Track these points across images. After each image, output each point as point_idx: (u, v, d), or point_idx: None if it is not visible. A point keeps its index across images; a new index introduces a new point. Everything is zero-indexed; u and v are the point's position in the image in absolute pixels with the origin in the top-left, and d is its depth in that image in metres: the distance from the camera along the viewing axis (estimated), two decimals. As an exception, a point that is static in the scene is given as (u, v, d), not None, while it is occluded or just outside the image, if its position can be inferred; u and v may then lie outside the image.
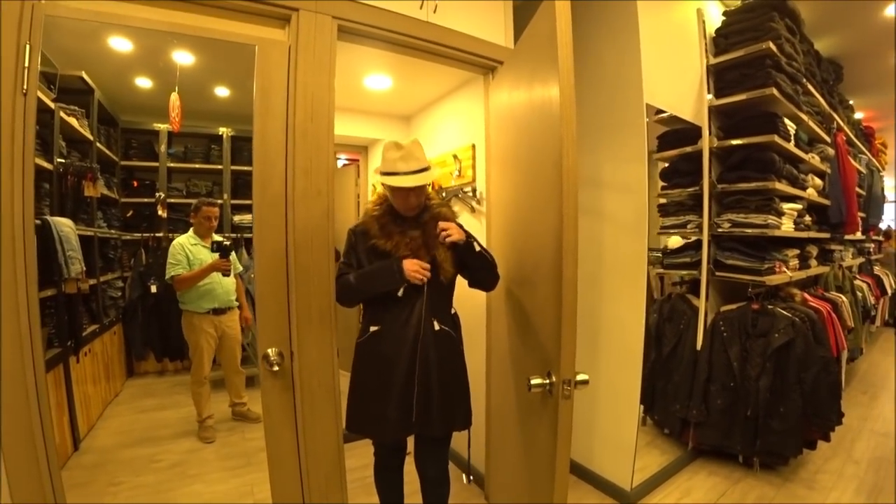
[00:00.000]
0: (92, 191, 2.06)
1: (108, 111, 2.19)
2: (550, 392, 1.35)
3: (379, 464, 1.84)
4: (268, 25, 1.59)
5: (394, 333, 1.61)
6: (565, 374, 1.28)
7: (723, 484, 2.46)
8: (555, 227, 1.31)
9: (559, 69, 1.27)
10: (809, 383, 2.37)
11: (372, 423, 1.63)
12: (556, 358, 1.30)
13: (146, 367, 2.41)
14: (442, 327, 1.64)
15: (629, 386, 2.30)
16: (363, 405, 1.65)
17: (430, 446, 1.74)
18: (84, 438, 1.98)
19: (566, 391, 1.28)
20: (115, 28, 1.54)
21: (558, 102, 1.28)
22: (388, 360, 1.61)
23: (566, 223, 1.27)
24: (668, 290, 3.11)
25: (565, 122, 1.28)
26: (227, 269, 2.16)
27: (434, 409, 1.60)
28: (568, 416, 1.31)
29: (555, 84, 1.30)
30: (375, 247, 1.63)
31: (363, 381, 1.65)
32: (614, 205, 2.40)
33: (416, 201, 1.62)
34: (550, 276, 1.36)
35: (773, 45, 2.50)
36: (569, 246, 1.27)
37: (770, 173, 2.56)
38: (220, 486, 2.04)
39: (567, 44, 1.28)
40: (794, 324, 2.43)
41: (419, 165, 1.56)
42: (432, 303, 1.62)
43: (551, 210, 1.35)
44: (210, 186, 2.55)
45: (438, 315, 1.64)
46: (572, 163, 1.28)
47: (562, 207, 1.27)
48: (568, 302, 1.27)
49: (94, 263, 2.07)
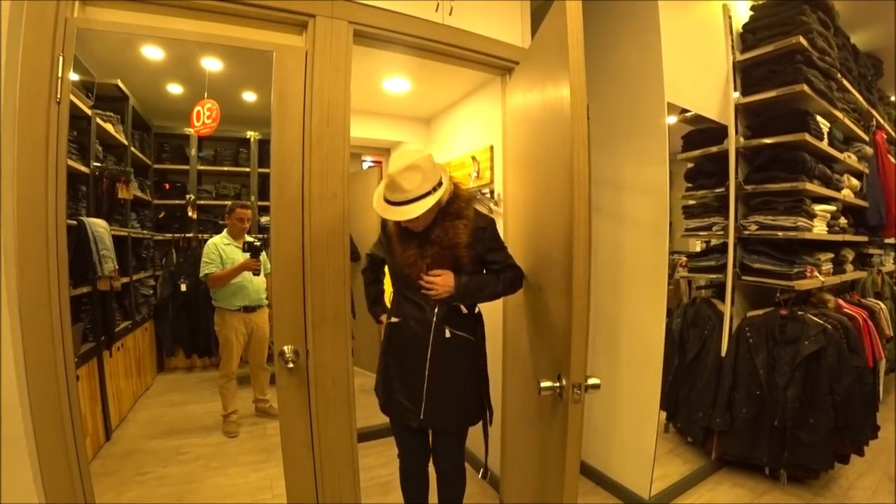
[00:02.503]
0: (125, 193, 2.17)
1: (141, 117, 2.30)
2: (560, 396, 1.34)
3: (401, 462, 1.86)
4: (286, 32, 1.64)
5: (410, 329, 1.65)
6: (575, 378, 1.27)
7: (747, 496, 2.37)
8: (566, 227, 1.30)
9: (570, 68, 1.27)
10: (842, 394, 2.26)
11: (391, 404, 1.72)
12: (566, 361, 1.30)
13: (175, 362, 2.50)
14: (454, 333, 1.63)
15: (649, 391, 2.25)
16: (385, 384, 1.73)
17: (441, 440, 1.76)
18: (115, 429, 2.07)
19: (576, 395, 1.27)
20: (147, 38, 1.61)
21: (569, 102, 1.28)
22: (403, 352, 1.68)
23: (577, 223, 1.26)
24: (692, 293, 3.03)
25: (576, 121, 1.27)
26: (258, 268, 2.22)
27: (441, 405, 1.62)
28: (578, 420, 1.30)
29: (566, 84, 1.30)
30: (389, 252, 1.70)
31: (385, 363, 1.74)
32: (635, 207, 2.36)
33: (413, 224, 1.56)
34: (561, 278, 1.36)
35: (804, 39, 2.40)
36: (579, 247, 1.26)
37: (800, 173, 2.46)
38: (241, 479, 2.10)
39: (578, 42, 1.27)
40: (826, 331, 2.33)
41: (405, 197, 1.47)
42: (442, 311, 1.62)
43: (563, 211, 1.35)
44: (238, 188, 2.63)
45: (450, 321, 1.63)
46: (583, 163, 1.27)
47: (572, 207, 1.26)
48: (578, 304, 1.26)
49: (128, 262, 2.17)
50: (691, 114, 2.45)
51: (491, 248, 1.65)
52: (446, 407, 1.64)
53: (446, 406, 1.64)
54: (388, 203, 1.51)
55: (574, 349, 1.26)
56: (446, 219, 1.59)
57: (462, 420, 1.72)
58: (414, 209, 1.47)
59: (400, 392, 1.68)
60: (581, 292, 1.26)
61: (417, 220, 1.52)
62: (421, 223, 1.57)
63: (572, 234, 1.26)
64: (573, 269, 1.26)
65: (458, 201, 1.62)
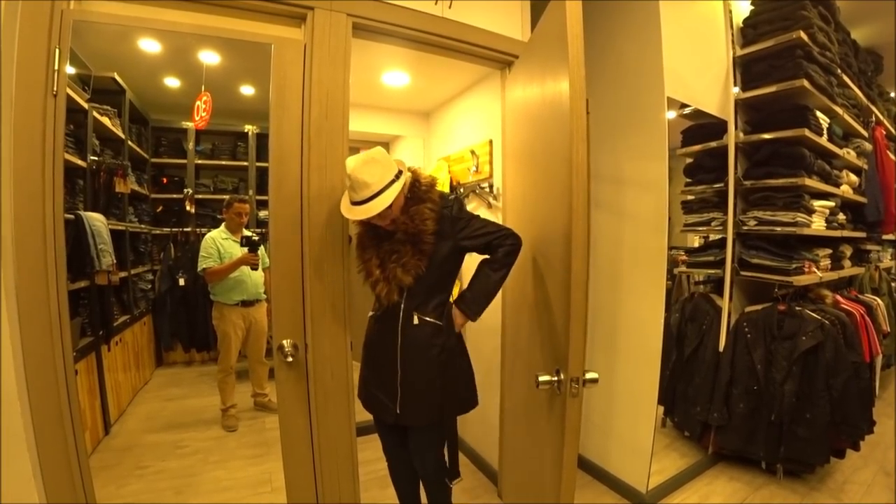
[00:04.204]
0: (123, 187, 2.15)
1: (138, 110, 2.28)
2: (559, 389, 1.34)
3: (387, 459, 1.86)
4: (284, 24, 1.63)
5: (383, 322, 1.62)
6: (574, 372, 1.28)
7: (744, 490, 2.39)
8: (565, 222, 1.30)
9: (569, 62, 1.26)
10: (838, 389, 2.27)
11: (369, 399, 1.70)
12: (564, 355, 1.30)
13: (174, 357, 2.49)
14: (423, 319, 1.57)
15: (647, 386, 2.26)
16: (363, 378, 1.72)
17: (414, 437, 1.70)
18: (114, 423, 2.07)
19: (574, 389, 1.27)
20: (144, 30, 1.59)
21: (568, 96, 1.28)
22: (378, 344, 1.65)
23: (576, 217, 1.26)
24: (691, 289, 3.04)
25: (575, 115, 1.27)
26: (256, 263, 2.22)
27: (414, 397, 1.59)
28: (576, 414, 1.31)
29: (565, 78, 1.30)
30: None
31: (364, 357, 1.71)
32: (634, 202, 2.36)
33: (383, 221, 1.53)
34: (560, 272, 1.36)
35: (805, 34, 2.40)
36: (578, 240, 1.27)
37: (799, 169, 2.46)
38: (240, 472, 2.11)
39: (577, 36, 1.27)
40: (824, 327, 2.34)
41: (369, 192, 1.45)
42: (411, 300, 1.58)
43: (562, 205, 1.35)
44: (237, 183, 2.62)
45: (419, 308, 1.58)
46: (582, 157, 1.27)
47: (571, 202, 1.26)
48: (577, 298, 1.26)
49: (126, 257, 2.16)
50: (691, 109, 2.45)
51: (461, 228, 1.57)
52: (419, 399, 1.59)
53: (419, 398, 1.59)
54: (354, 205, 1.48)
55: (573, 343, 1.27)
56: (409, 204, 1.55)
57: (434, 413, 1.62)
58: (380, 202, 1.45)
59: (375, 385, 1.66)
60: (580, 286, 1.27)
61: (389, 214, 1.50)
62: (391, 217, 1.53)
63: (571, 227, 1.26)
64: (572, 263, 1.26)
65: (420, 185, 1.57)
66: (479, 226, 1.60)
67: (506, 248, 1.59)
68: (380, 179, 1.45)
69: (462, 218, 1.59)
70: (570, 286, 1.26)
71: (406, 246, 1.53)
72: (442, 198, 1.60)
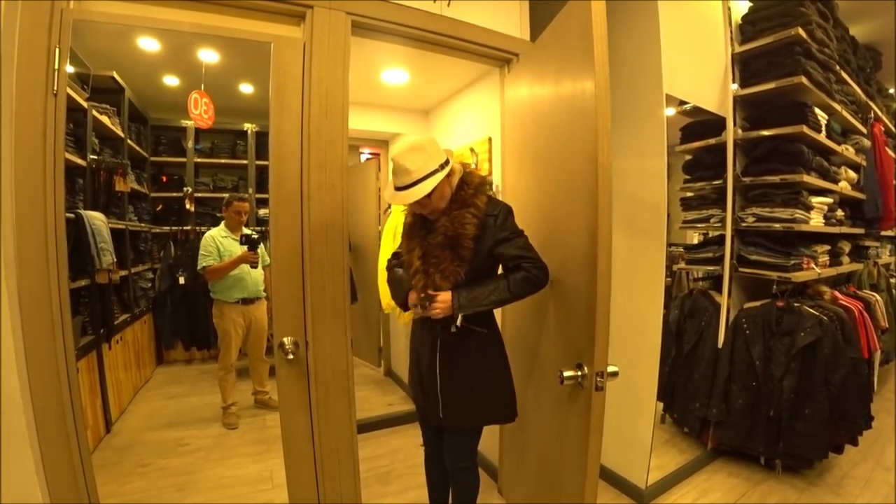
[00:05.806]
0: (122, 186, 2.16)
1: (138, 109, 2.28)
2: (581, 384, 1.36)
3: (424, 449, 1.89)
4: (284, 23, 1.63)
5: (424, 326, 1.68)
6: (598, 366, 1.31)
7: (743, 485, 2.40)
8: (587, 220, 1.33)
9: (595, 63, 1.29)
10: (837, 385, 2.28)
11: (417, 399, 1.77)
12: (588, 350, 1.34)
13: (174, 355, 2.50)
14: (463, 325, 1.56)
15: (646, 382, 2.27)
16: (411, 379, 1.78)
17: (449, 435, 1.73)
18: (116, 422, 2.08)
19: (599, 383, 1.30)
20: (143, 29, 1.59)
21: (592, 96, 1.30)
22: (420, 349, 1.71)
23: (602, 217, 1.29)
24: (690, 285, 3.04)
25: (601, 115, 1.30)
26: (255, 261, 2.22)
27: (456, 402, 1.62)
28: (600, 408, 1.34)
29: (588, 78, 1.32)
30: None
31: (410, 360, 1.78)
32: (633, 199, 2.35)
33: (424, 210, 1.53)
34: (583, 270, 1.39)
35: (803, 30, 2.40)
36: (604, 237, 1.30)
37: (798, 165, 2.47)
38: (241, 470, 2.12)
39: (602, 37, 1.29)
40: (822, 322, 2.34)
41: (410, 179, 1.43)
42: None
43: (582, 203, 1.37)
44: (236, 181, 2.62)
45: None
46: (606, 156, 1.30)
47: (597, 201, 1.29)
48: (602, 294, 1.31)
49: (126, 255, 2.16)
50: (690, 105, 2.45)
51: (501, 238, 1.52)
52: (460, 404, 1.63)
53: (460, 403, 1.62)
54: (397, 190, 1.47)
55: (598, 338, 1.30)
56: (453, 207, 1.52)
57: (476, 418, 1.67)
58: (419, 190, 1.43)
59: (418, 388, 1.73)
60: (605, 280, 1.31)
61: (429, 203, 1.49)
62: (432, 207, 1.51)
63: (597, 223, 1.29)
64: (598, 259, 1.30)
65: (467, 188, 1.54)
66: (519, 244, 1.55)
67: (528, 275, 1.52)
68: (421, 167, 1.43)
69: (506, 229, 1.54)
70: (594, 280, 1.30)
71: (445, 251, 1.50)
72: (488, 203, 1.55)
